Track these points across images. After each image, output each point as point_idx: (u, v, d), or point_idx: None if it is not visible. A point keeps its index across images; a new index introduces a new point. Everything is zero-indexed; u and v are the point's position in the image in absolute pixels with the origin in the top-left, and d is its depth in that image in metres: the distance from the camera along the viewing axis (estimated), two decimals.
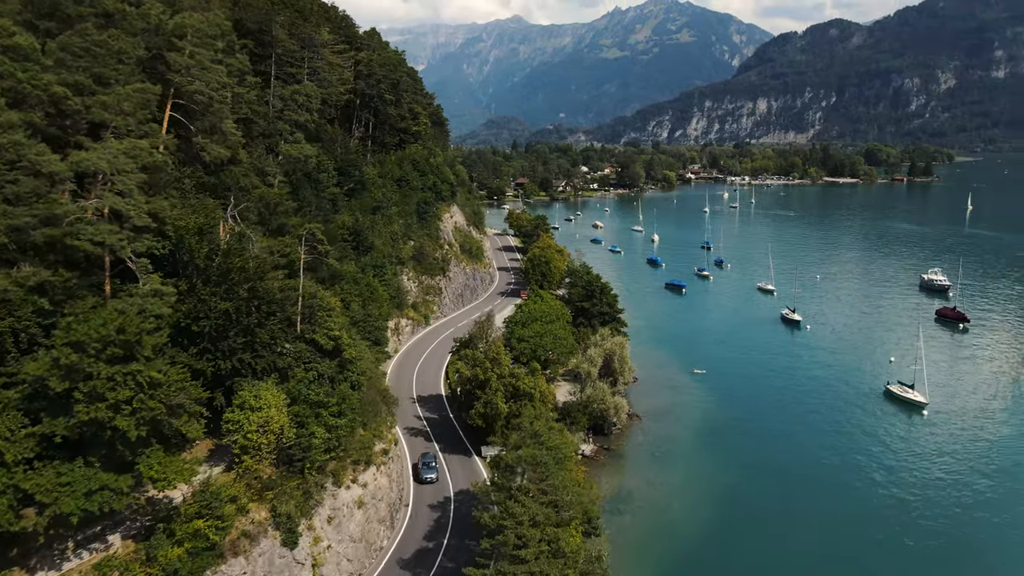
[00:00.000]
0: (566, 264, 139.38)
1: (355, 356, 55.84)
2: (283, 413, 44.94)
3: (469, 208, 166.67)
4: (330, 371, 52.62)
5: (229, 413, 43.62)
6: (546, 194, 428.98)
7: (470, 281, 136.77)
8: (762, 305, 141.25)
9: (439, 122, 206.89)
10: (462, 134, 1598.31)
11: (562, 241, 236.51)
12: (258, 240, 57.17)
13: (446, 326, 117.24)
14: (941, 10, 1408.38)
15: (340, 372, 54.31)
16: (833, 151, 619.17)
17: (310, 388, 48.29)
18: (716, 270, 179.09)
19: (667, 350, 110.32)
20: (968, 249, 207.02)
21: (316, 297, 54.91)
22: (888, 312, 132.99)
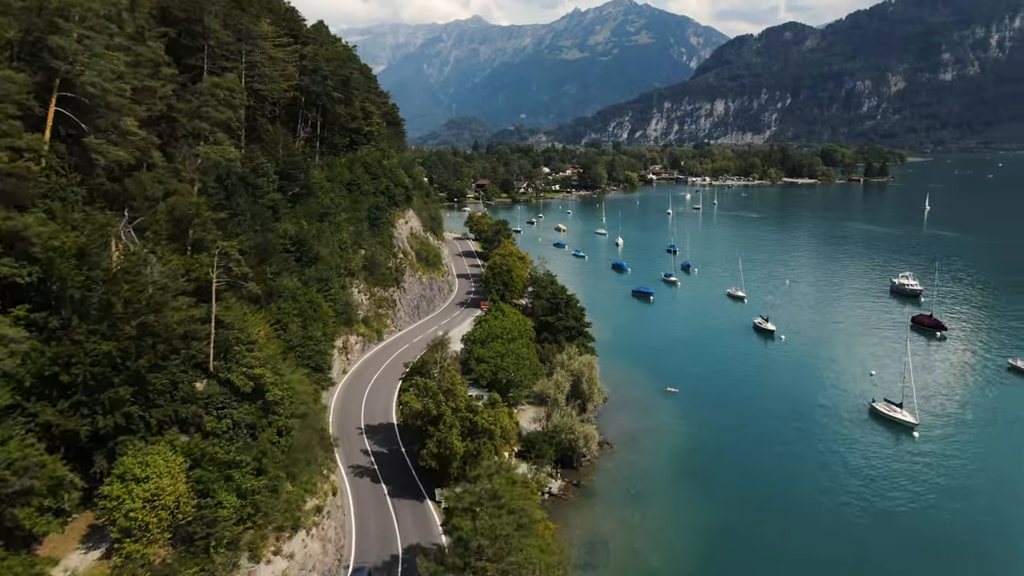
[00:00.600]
0: (528, 272, 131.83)
1: (282, 396, 47.16)
2: (180, 481, 36.17)
3: (426, 212, 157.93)
4: (250, 417, 43.86)
5: (106, 487, 34.67)
6: (508, 196, 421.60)
7: (427, 291, 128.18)
8: (733, 313, 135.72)
9: (394, 122, 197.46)
10: (423, 135, 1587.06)
11: (524, 245, 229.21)
12: (165, 260, 48.14)
13: (401, 341, 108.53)
14: (891, 14, 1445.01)
15: (264, 416, 45.62)
16: (791, 152, 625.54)
17: (219, 444, 39.50)
18: (683, 275, 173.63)
19: (637, 365, 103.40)
20: (932, 251, 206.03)
21: (233, 327, 46.03)
22: (862, 320, 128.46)
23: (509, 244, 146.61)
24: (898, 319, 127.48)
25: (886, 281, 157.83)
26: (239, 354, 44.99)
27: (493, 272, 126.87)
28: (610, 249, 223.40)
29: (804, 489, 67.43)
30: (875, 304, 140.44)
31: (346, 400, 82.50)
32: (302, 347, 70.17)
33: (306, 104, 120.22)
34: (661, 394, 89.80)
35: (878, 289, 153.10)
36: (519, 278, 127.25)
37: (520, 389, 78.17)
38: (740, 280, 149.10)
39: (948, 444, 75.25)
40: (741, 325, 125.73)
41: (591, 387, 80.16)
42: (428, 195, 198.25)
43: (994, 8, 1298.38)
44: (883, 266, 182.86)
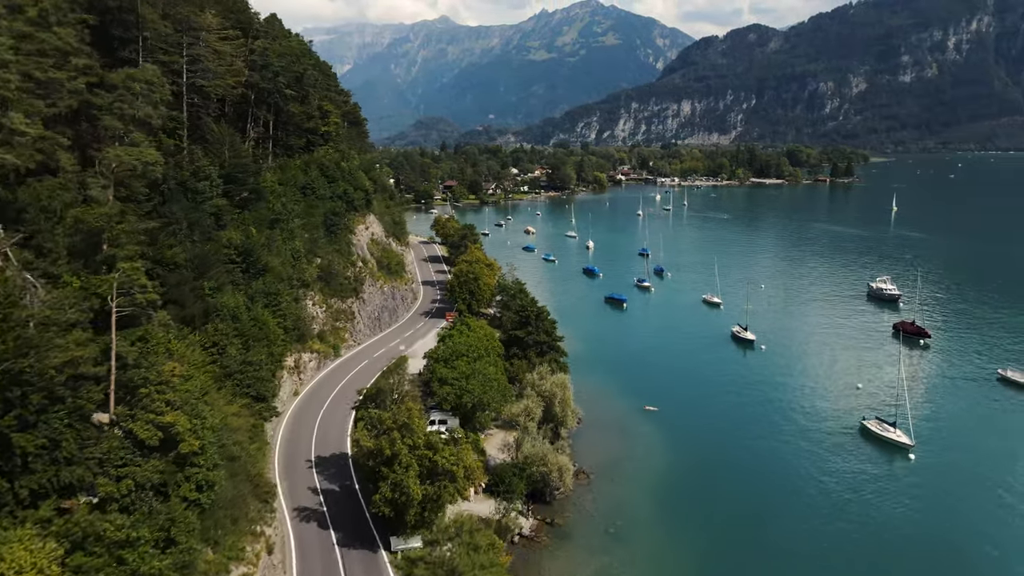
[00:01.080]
0: (496, 279, 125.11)
1: (202, 444, 39.68)
2: (49, 574, 28.59)
3: (389, 217, 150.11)
4: (158, 476, 36.36)
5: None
6: (476, 197, 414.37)
7: (389, 301, 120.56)
8: (710, 320, 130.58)
9: (356, 122, 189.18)
10: (391, 135, 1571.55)
11: (493, 249, 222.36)
12: (64, 284, 40.33)
13: (360, 356, 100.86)
14: (851, 17, 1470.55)
15: (178, 471, 38.13)
16: (758, 153, 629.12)
17: (110, 517, 31.98)
18: (656, 280, 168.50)
19: (613, 380, 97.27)
20: (903, 253, 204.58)
21: (141, 365, 38.43)
22: (841, 327, 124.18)
23: (476, 250, 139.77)
24: (879, 326, 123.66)
25: (862, 285, 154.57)
26: (147, 397, 37.50)
27: (459, 281, 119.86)
28: (580, 252, 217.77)
29: (797, 521, 61.79)
30: (853, 310, 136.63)
31: (296, 427, 74.76)
32: (241, 374, 62.37)
33: (256, 102, 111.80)
34: (640, 413, 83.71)
35: (854, 293, 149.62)
36: (486, 287, 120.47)
37: (487, 413, 71.35)
38: (716, 285, 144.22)
39: (947, 467, 70.35)
40: (719, 334, 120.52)
41: (564, 409, 73.73)
42: (392, 198, 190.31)
43: (951, 11, 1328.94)
44: (856, 269, 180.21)
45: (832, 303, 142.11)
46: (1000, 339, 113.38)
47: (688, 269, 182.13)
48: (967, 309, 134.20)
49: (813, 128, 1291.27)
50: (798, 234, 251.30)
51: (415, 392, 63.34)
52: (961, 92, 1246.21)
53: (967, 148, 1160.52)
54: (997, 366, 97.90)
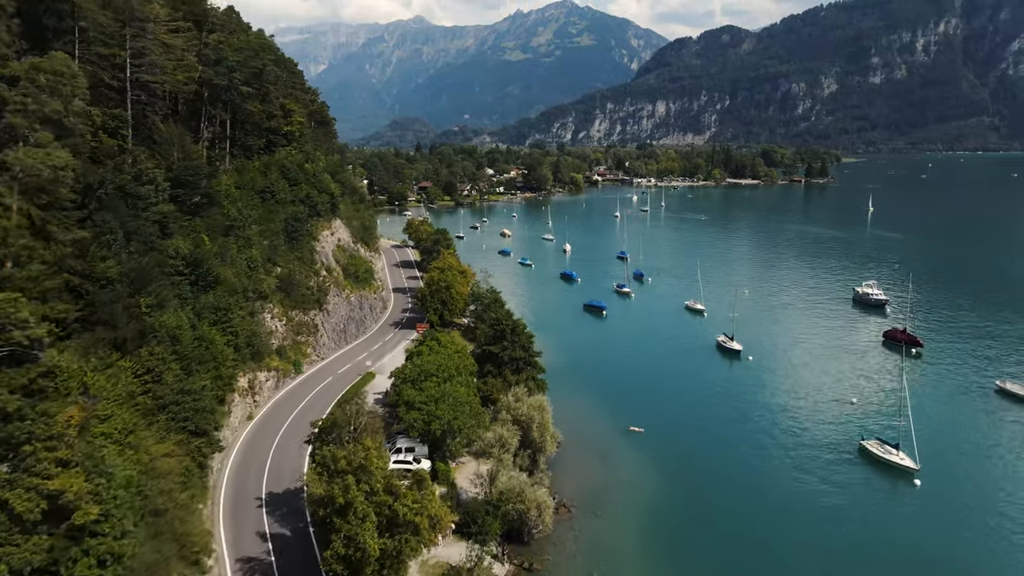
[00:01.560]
0: (470, 288, 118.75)
1: (107, 509, 32.80)
2: None
3: (358, 221, 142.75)
4: (40, 557, 29.45)
5: None
6: (451, 199, 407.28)
7: (355, 312, 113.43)
8: (694, 329, 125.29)
9: (324, 121, 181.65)
10: (366, 135, 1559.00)
11: (468, 253, 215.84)
12: None
13: (324, 373, 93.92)
14: (822, 19, 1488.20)
15: (73, 545, 31.22)
16: (734, 153, 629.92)
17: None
18: (636, 285, 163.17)
19: (594, 397, 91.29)
20: (883, 255, 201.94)
21: (26, 417, 31.44)
22: (829, 335, 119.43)
23: (449, 256, 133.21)
24: (867, 333, 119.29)
25: (847, 290, 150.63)
26: (31, 457, 30.61)
27: (430, 289, 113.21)
28: (557, 256, 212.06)
29: (796, 556, 56.25)
30: (839, 316, 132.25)
31: (247, 459, 67.64)
32: (177, 405, 55.15)
33: (211, 100, 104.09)
34: (624, 435, 77.75)
35: (840, 299, 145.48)
36: (459, 295, 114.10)
37: (458, 440, 64.89)
38: (699, 291, 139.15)
39: (956, 493, 65.04)
40: (704, 343, 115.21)
41: (543, 434, 67.56)
42: (362, 200, 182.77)
43: (919, 13, 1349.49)
44: (839, 272, 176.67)
45: (817, 309, 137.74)
46: (993, 346, 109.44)
47: (668, 273, 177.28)
48: (956, 315, 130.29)
49: (786, 128, 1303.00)
50: (777, 236, 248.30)
51: (376, 423, 56.57)
52: (929, 93, 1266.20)
53: (935, 149, 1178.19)
54: (993, 376, 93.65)
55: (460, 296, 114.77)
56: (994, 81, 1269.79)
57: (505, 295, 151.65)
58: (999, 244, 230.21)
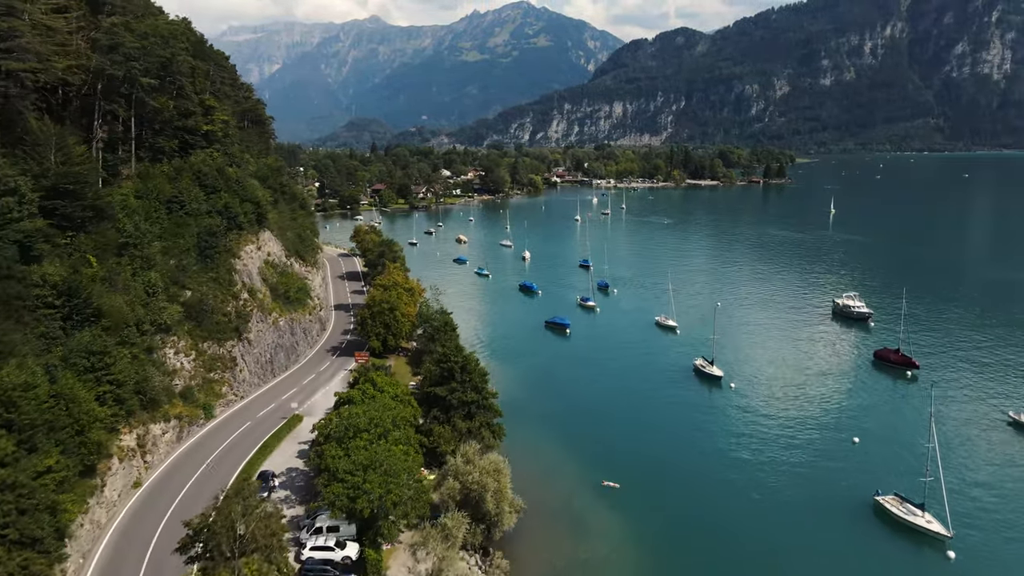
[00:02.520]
0: (418, 307, 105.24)
1: None
2: None
3: (294, 231, 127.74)
4: None
5: None
6: (405, 202, 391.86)
7: (286, 338, 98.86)
8: (667, 350, 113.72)
9: (258, 121, 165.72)
10: (322, 136, 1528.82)
11: (421, 261, 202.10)
12: None
13: (241, 416, 79.52)
14: (774, 22, 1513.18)
15: None
16: (692, 154, 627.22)
17: None
18: (601, 297, 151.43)
19: (560, 441, 78.79)
20: (852, 259, 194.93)
21: None
22: (814, 355, 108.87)
23: (395, 271, 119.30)
24: (855, 353, 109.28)
25: (825, 301, 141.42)
26: None
27: (371, 312, 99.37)
28: (516, 264, 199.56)
29: None
30: (822, 332, 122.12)
31: (120, 549, 53.02)
32: None
33: (105, 94, 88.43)
34: (596, 492, 65.28)
35: (819, 311, 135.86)
36: (405, 318, 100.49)
37: (392, 521, 51.53)
38: (669, 305, 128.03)
39: (999, 569, 53.99)
40: (679, 366, 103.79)
41: (499, 504, 54.79)
42: (304, 206, 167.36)
43: (867, 17, 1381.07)
44: (813, 280, 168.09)
45: (797, 324, 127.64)
46: (993, 368, 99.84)
47: (634, 283, 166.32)
48: (946, 330, 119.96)
49: (740, 129, 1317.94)
50: (743, 240, 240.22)
51: (272, 527, 42.42)
52: (877, 95, 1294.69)
53: (883, 149, 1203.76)
54: (1000, 405, 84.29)
55: (406, 319, 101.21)
56: (938, 83, 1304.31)
57: (460, 311, 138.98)
58: (971, 248, 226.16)
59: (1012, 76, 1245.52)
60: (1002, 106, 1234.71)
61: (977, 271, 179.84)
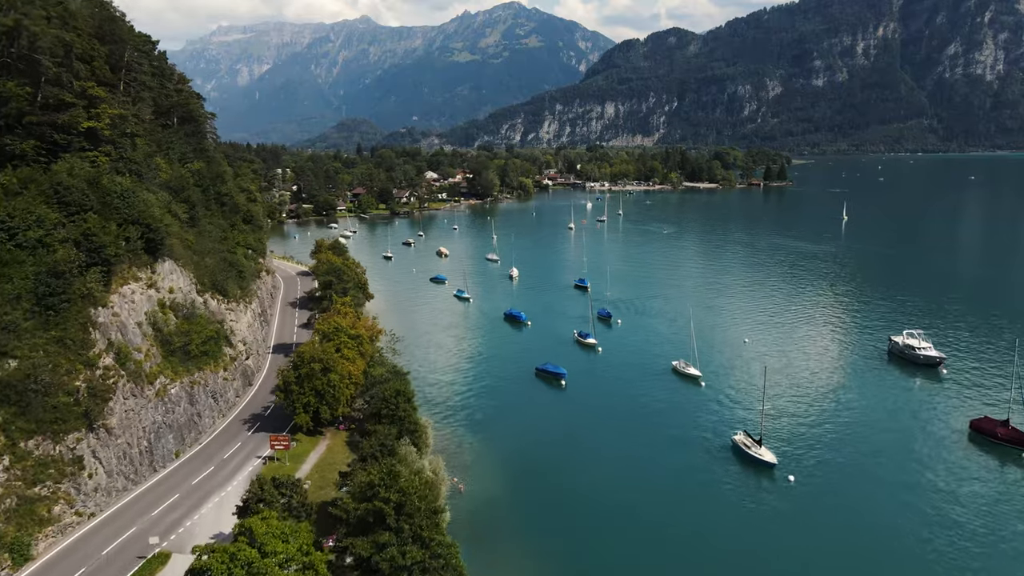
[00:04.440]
0: (366, 365, 79.16)
1: None
2: None
3: (215, 257, 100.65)
4: None
5: None
6: (386, 207, 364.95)
7: (179, 412, 72.16)
8: (694, 413, 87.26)
9: (190, 118, 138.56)
10: (312, 137, 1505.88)
11: (393, 280, 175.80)
12: None
13: (77, 554, 52.95)
14: (766, 22, 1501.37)
15: None
16: (689, 155, 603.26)
17: None
18: (603, 329, 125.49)
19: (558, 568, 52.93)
20: (892, 278, 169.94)
21: None
22: (885, 423, 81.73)
23: (343, 308, 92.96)
24: (939, 419, 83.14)
25: (875, 336, 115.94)
26: None
27: (298, 375, 73.02)
28: (502, 284, 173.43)
29: None
30: (883, 385, 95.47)
31: None
32: None
33: None
34: None
35: (871, 352, 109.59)
36: (344, 384, 74.21)
37: None
38: (691, 348, 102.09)
39: None
40: (713, 443, 77.70)
41: None
42: (249, 220, 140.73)
43: (859, 17, 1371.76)
44: (851, 305, 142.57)
45: (849, 372, 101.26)
46: None
47: (640, 310, 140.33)
48: None
49: (733, 130, 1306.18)
50: (754, 253, 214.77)
51: None
52: (870, 96, 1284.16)
53: (876, 150, 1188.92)
54: None
55: (344, 386, 74.78)
56: (931, 84, 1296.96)
57: (430, 349, 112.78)
58: (1020, 263, 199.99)
59: (1005, 77, 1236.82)
60: (995, 107, 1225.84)
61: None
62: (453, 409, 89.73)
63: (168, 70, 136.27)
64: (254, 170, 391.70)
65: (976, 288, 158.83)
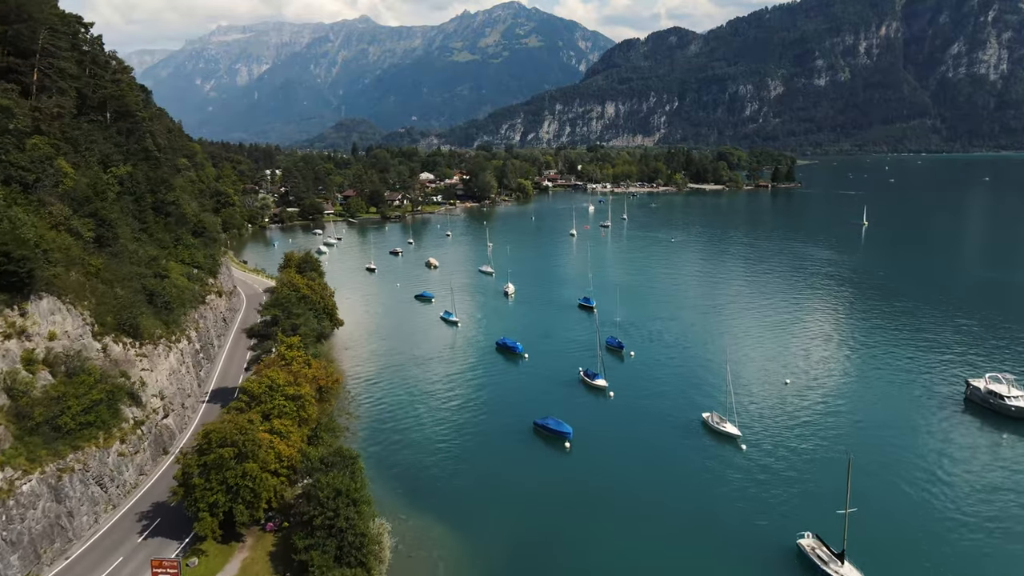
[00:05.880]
0: (303, 442, 59.11)
1: None
2: None
3: (132, 287, 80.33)
4: None
5: None
6: (377, 211, 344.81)
7: (25, 522, 51.93)
8: (736, 496, 67.12)
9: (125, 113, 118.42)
10: (310, 137, 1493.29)
11: (373, 296, 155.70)
12: None
13: None
14: (767, 21, 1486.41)
15: None
16: (694, 156, 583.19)
17: None
18: (614, 363, 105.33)
19: None
20: (930, 295, 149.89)
21: None
22: (972, 505, 63.16)
23: (288, 355, 72.75)
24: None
25: (947, 376, 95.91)
26: None
27: (203, 465, 52.90)
28: (496, 302, 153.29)
29: None
30: (975, 448, 75.20)
31: None
32: None
33: None
34: None
35: (948, 399, 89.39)
36: (267, 476, 54.14)
37: None
38: (724, 391, 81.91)
39: None
40: (768, 547, 57.76)
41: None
42: (201, 232, 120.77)
43: (861, 16, 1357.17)
44: (899, 331, 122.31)
45: (930, 430, 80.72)
46: None
47: (657, 339, 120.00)
48: None
49: (734, 130, 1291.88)
50: (778, 266, 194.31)
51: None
52: (872, 95, 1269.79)
53: (880, 150, 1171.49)
54: None
55: (278, 464, 54.81)
56: (934, 83, 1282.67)
57: (402, 398, 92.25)
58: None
59: (1009, 76, 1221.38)
60: (999, 107, 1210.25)
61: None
62: (426, 482, 69.88)
63: (102, 57, 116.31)
64: (240, 171, 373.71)
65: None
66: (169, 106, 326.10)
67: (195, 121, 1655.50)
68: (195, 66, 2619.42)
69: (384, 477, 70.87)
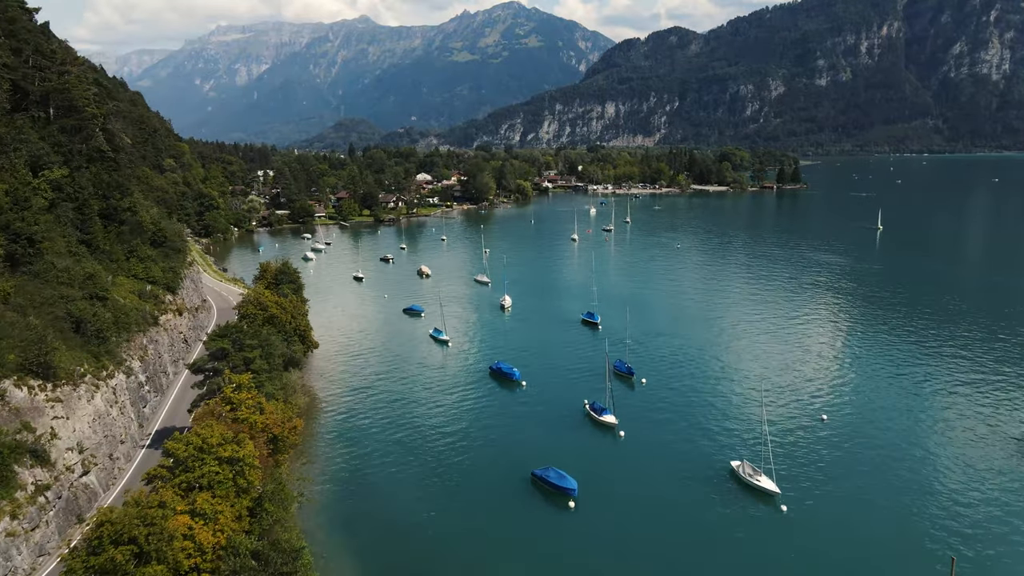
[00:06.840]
0: (237, 518, 46.11)
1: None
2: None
3: (48, 315, 67.44)
4: None
5: None
6: (370, 213, 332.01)
7: None
8: (771, 559, 54.92)
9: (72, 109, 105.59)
10: (310, 137, 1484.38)
11: (360, 308, 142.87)
12: None
13: None
14: (768, 21, 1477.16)
15: None
16: (697, 156, 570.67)
17: None
18: (625, 394, 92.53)
19: None
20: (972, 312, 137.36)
21: None
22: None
23: (235, 399, 59.89)
24: None
25: (998, 408, 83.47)
26: None
27: (89, 571, 39.93)
28: (492, 316, 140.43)
29: None
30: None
31: None
32: None
33: None
34: None
35: (1003, 442, 77.19)
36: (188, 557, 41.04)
37: None
38: (759, 437, 69.20)
39: None
40: None
41: None
42: (161, 243, 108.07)
43: (863, 16, 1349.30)
44: (940, 353, 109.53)
45: (990, 474, 69.02)
46: None
47: (671, 362, 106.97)
48: None
49: (735, 130, 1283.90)
50: (789, 273, 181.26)
51: None
52: (874, 95, 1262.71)
53: (882, 151, 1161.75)
54: None
55: (198, 558, 42.16)
56: (936, 83, 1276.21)
57: (376, 435, 79.15)
58: None
59: (1011, 76, 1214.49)
60: (1001, 107, 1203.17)
61: None
62: (404, 550, 57.11)
63: (46, 47, 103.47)
64: (230, 172, 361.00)
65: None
66: (168, 106, 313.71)
67: (194, 121, 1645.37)
68: (194, 66, 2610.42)
69: (352, 543, 58.30)
